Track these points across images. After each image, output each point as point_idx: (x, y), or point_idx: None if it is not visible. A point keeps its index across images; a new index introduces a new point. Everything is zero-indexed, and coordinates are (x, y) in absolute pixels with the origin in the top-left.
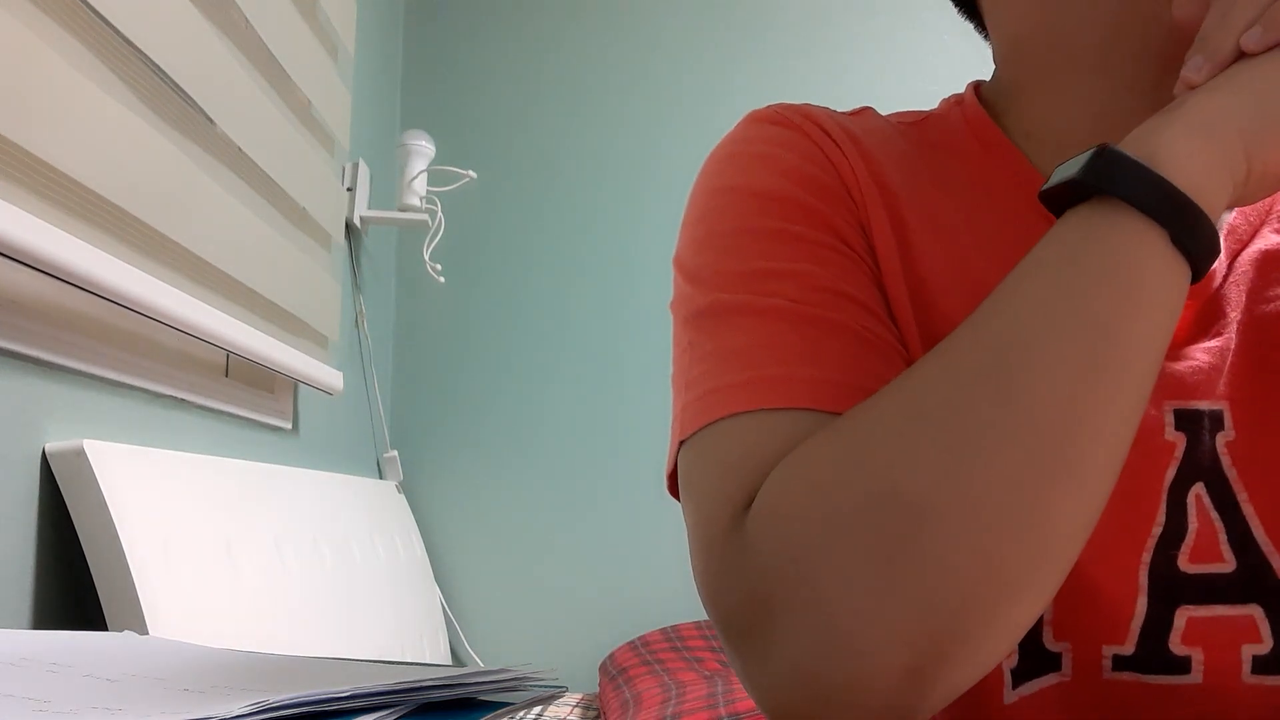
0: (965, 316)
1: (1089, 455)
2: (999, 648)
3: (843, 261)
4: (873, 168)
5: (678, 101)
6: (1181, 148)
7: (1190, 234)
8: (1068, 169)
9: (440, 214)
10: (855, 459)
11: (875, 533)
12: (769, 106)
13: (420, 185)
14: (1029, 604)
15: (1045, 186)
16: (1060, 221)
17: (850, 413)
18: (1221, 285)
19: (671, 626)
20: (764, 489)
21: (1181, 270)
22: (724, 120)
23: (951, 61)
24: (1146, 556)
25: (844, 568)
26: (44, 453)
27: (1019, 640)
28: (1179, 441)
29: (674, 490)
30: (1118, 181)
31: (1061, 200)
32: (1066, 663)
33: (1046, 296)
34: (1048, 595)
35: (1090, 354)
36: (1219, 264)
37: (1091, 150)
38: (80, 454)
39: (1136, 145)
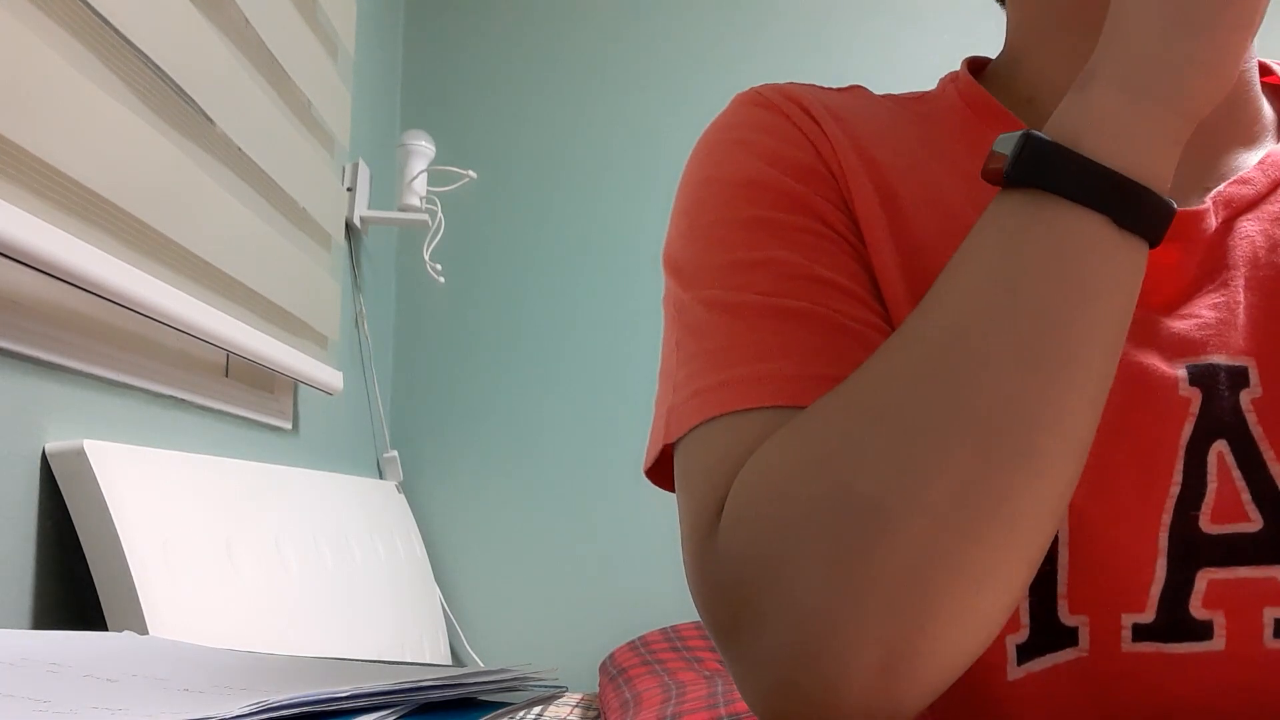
0: None
1: (1043, 446)
2: (975, 641)
3: (821, 244)
4: (856, 142)
5: (678, 101)
6: (1109, 113)
7: (1134, 212)
8: (1001, 148)
9: (440, 214)
10: (809, 460)
11: (833, 535)
12: (752, 88)
13: (420, 185)
14: (999, 596)
15: (985, 167)
16: (997, 203)
17: (808, 410)
18: (1223, 233)
19: (671, 626)
20: (731, 493)
21: (1133, 246)
22: None
23: (952, 62)
24: (1166, 518)
25: (807, 571)
26: (44, 453)
27: (996, 632)
28: (1194, 397)
29: (654, 481)
30: (1047, 175)
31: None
32: (1084, 637)
33: (984, 289)
34: (1019, 585)
35: (1031, 346)
36: (1212, 208)
37: (1019, 137)
38: (80, 454)
39: (1063, 122)
